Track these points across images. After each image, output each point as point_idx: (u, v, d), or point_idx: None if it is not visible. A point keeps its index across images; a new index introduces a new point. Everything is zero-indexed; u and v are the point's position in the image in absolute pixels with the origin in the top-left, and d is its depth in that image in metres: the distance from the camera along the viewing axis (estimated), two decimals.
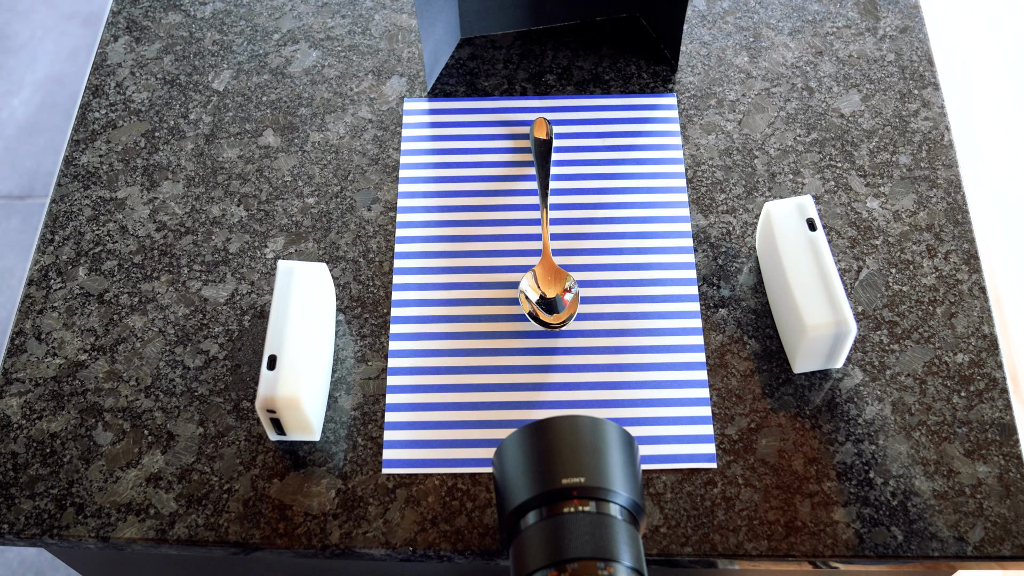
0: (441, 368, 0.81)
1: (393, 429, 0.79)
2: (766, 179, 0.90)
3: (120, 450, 0.79)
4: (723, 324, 0.83)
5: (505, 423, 0.79)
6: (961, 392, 0.79)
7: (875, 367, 0.81)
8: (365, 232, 0.88)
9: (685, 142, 0.93)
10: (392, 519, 0.75)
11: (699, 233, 0.88)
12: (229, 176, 0.92)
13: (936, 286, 0.84)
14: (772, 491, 0.76)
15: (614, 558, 0.61)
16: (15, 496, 0.77)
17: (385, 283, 0.86)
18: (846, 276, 0.85)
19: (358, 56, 0.99)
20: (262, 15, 1.02)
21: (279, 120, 0.95)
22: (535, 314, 0.82)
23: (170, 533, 0.75)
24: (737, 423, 0.79)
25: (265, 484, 0.77)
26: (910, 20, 1.00)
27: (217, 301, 0.85)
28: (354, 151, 0.93)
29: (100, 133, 0.95)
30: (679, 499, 0.76)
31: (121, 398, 0.81)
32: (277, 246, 0.88)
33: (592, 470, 0.64)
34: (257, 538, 0.75)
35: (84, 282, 0.86)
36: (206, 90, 0.97)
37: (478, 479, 0.77)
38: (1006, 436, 0.77)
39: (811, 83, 0.96)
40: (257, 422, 0.79)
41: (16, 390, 0.81)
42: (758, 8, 1.01)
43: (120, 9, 1.03)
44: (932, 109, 0.94)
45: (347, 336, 0.83)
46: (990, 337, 0.82)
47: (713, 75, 0.97)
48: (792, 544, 0.74)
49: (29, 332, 0.84)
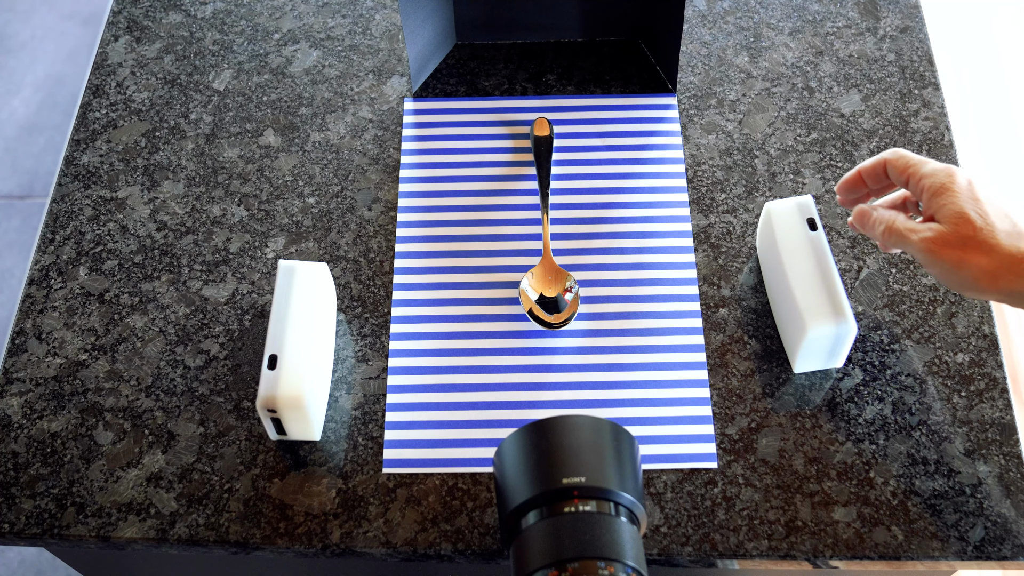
0: (441, 368, 0.81)
1: (393, 429, 0.79)
2: (766, 179, 0.90)
3: (120, 450, 0.79)
4: (723, 324, 0.83)
5: (505, 423, 0.79)
6: (961, 392, 0.79)
7: (875, 367, 0.81)
8: (365, 232, 0.88)
9: (685, 142, 0.93)
10: (392, 519, 0.75)
11: (699, 233, 0.88)
12: (230, 176, 0.92)
13: (936, 286, 0.84)
14: (772, 491, 0.76)
15: (614, 558, 0.61)
16: (15, 496, 0.77)
17: (385, 283, 0.86)
18: (846, 276, 0.85)
19: (358, 56, 0.99)
20: (262, 15, 1.02)
21: (279, 120, 0.95)
22: (535, 314, 0.82)
23: (170, 533, 0.75)
24: (737, 423, 0.79)
25: (266, 484, 0.77)
26: (910, 20, 1.00)
27: (218, 301, 0.85)
28: (354, 151, 0.93)
29: (100, 133, 0.95)
30: (679, 499, 0.76)
31: (122, 398, 0.81)
32: (278, 246, 0.88)
33: (592, 470, 0.64)
34: (257, 538, 0.75)
35: (84, 282, 0.86)
36: (207, 90, 0.97)
37: (478, 479, 0.77)
38: (1006, 436, 0.78)
39: (811, 83, 0.96)
40: (257, 422, 0.79)
41: (16, 390, 0.81)
42: (758, 8, 1.01)
43: (120, 9, 1.03)
44: (932, 109, 0.94)
45: (347, 336, 0.83)
46: (990, 337, 0.82)
47: (713, 75, 0.97)
48: (792, 544, 0.74)
49: (30, 332, 0.84)
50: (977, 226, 0.68)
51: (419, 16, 0.91)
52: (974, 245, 0.67)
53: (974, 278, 0.68)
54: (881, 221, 0.73)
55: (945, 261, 0.69)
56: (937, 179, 0.71)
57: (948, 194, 0.70)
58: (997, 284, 0.68)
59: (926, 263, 0.70)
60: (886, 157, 0.75)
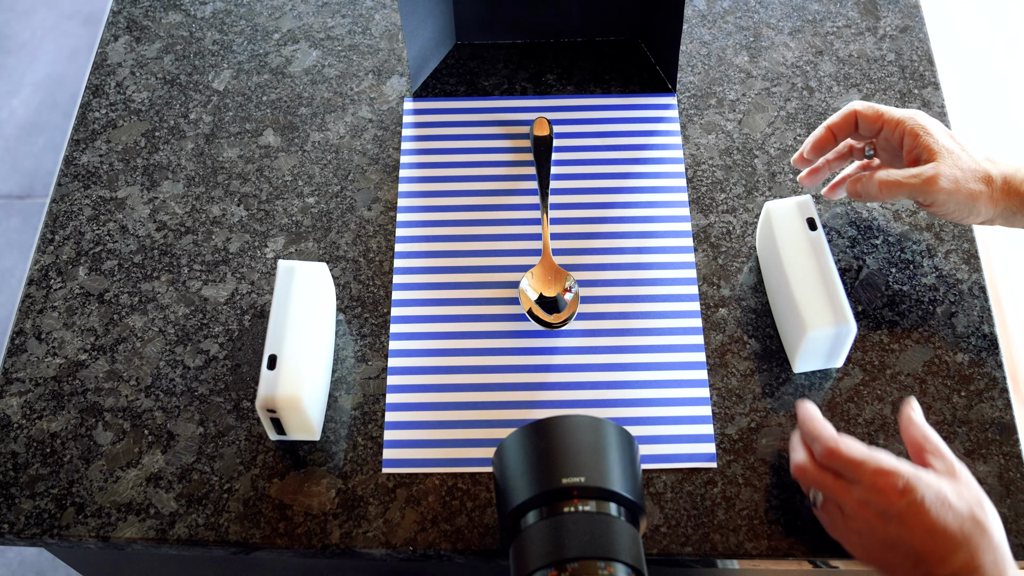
0: (441, 368, 0.81)
1: (393, 429, 0.79)
2: (766, 179, 0.90)
3: (120, 450, 0.79)
4: (723, 324, 0.83)
5: (505, 423, 0.79)
6: (961, 392, 0.79)
7: (875, 367, 0.81)
8: (365, 232, 0.88)
9: (685, 142, 0.93)
10: (392, 519, 0.75)
11: (699, 233, 0.88)
12: (229, 176, 0.92)
13: (936, 286, 0.84)
14: (772, 491, 0.76)
15: (614, 558, 0.61)
16: (15, 496, 0.77)
17: (385, 283, 0.86)
18: (846, 276, 0.85)
19: (358, 56, 0.99)
20: (262, 15, 1.02)
21: (279, 120, 0.95)
22: (535, 314, 0.82)
23: (170, 533, 0.75)
24: (737, 423, 0.79)
25: (265, 484, 0.77)
26: (910, 20, 1.00)
27: (217, 301, 0.85)
28: (354, 151, 0.93)
29: (100, 133, 0.95)
30: (679, 499, 0.76)
31: (121, 398, 0.81)
32: (277, 246, 0.88)
33: (592, 470, 0.64)
34: (257, 538, 0.75)
35: (84, 282, 0.86)
36: (206, 90, 0.97)
37: (478, 479, 0.77)
38: (1006, 436, 0.78)
39: (811, 83, 0.96)
40: (257, 422, 0.79)
41: (16, 390, 0.81)
42: (758, 8, 1.01)
43: (120, 9, 1.03)
44: (932, 109, 0.94)
45: (347, 336, 0.83)
46: (990, 337, 0.82)
47: (713, 75, 0.97)
48: (792, 544, 0.74)
49: (29, 332, 0.84)
50: (967, 157, 0.76)
51: (419, 16, 0.91)
52: (970, 173, 0.75)
53: (974, 200, 0.75)
54: (874, 178, 0.77)
55: (951, 191, 0.75)
56: (915, 121, 0.77)
57: (928, 135, 0.77)
58: (996, 204, 0.76)
59: (934, 200, 0.75)
60: (856, 109, 0.80)
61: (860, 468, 0.65)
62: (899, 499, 0.63)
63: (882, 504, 0.64)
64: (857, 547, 0.67)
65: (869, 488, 0.65)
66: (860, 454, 0.66)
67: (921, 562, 0.63)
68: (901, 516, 0.63)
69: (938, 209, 0.77)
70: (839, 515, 0.68)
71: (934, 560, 0.62)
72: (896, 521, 0.63)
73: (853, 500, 0.66)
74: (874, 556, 0.66)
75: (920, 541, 0.63)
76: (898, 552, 0.64)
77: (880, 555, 0.65)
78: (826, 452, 0.68)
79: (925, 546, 0.62)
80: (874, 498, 0.64)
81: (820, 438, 0.69)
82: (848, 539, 0.68)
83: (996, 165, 0.76)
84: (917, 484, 0.64)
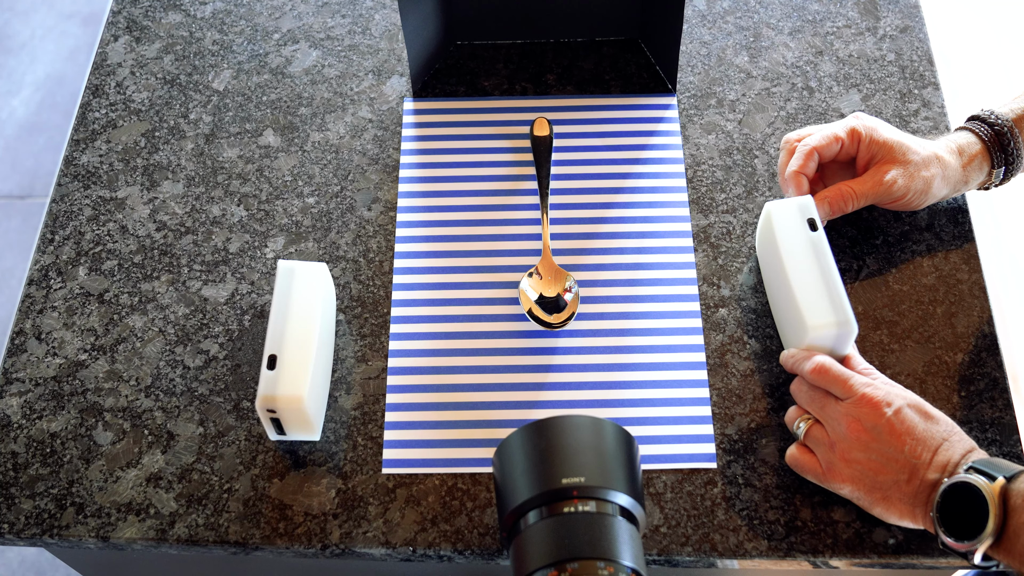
0: (441, 368, 0.81)
1: (393, 429, 0.79)
2: (766, 179, 0.90)
3: (120, 450, 0.79)
4: (723, 324, 0.83)
5: (505, 423, 0.79)
6: (961, 392, 0.79)
7: (875, 367, 0.80)
8: (365, 232, 0.88)
9: (685, 142, 0.93)
10: (392, 519, 0.75)
11: (699, 233, 0.88)
12: (229, 176, 0.92)
13: (936, 286, 0.84)
14: (772, 491, 0.76)
15: (614, 558, 0.61)
16: (15, 496, 0.77)
17: (385, 283, 0.86)
18: (846, 276, 0.85)
19: (358, 56, 0.99)
20: (262, 15, 1.02)
21: (279, 120, 0.95)
22: (535, 314, 0.82)
23: (170, 533, 0.75)
24: (737, 423, 0.79)
25: (265, 484, 0.77)
26: (910, 20, 1.00)
27: (217, 301, 0.85)
28: (354, 151, 0.93)
29: (100, 133, 0.95)
30: (679, 499, 0.76)
31: (121, 398, 0.81)
32: (277, 246, 0.88)
33: (592, 470, 0.64)
34: (257, 538, 0.75)
35: (84, 282, 0.86)
36: (206, 90, 0.97)
37: (478, 479, 0.77)
38: (1006, 436, 0.77)
39: (811, 83, 0.96)
40: (257, 422, 0.79)
41: (16, 390, 0.81)
42: (758, 8, 1.01)
43: (120, 9, 1.03)
44: (932, 109, 0.94)
45: (347, 336, 0.83)
46: (990, 337, 0.82)
47: (713, 75, 0.97)
48: (792, 544, 0.74)
49: (29, 332, 0.84)
50: (913, 150, 0.81)
51: (419, 16, 0.91)
52: (920, 162, 0.81)
53: (933, 185, 0.81)
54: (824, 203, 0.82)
55: (911, 184, 0.81)
56: (864, 125, 0.82)
57: (878, 134, 0.82)
58: (956, 188, 0.83)
59: (895, 194, 0.81)
60: (812, 146, 0.82)
61: (847, 384, 0.71)
62: (885, 410, 0.69)
63: (870, 418, 0.69)
64: (848, 476, 0.70)
65: (857, 403, 0.70)
66: (847, 372, 0.72)
67: (913, 473, 0.68)
68: (889, 426, 0.69)
69: (899, 204, 0.83)
70: (828, 446, 0.72)
71: (923, 465, 0.68)
72: (886, 431, 0.69)
73: (842, 415, 0.71)
74: (867, 480, 0.70)
75: (910, 448, 0.68)
76: (891, 468, 0.69)
77: (873, 476, 0.69)
78: (816, 369, 0.73)
79: (914, 452, 0.68)
80: (862, 411, 0.70)
81: (811, 359, 0.74)
82: (839, 471, 0.71)
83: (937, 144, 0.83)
84: (894, 398, 0.70)
